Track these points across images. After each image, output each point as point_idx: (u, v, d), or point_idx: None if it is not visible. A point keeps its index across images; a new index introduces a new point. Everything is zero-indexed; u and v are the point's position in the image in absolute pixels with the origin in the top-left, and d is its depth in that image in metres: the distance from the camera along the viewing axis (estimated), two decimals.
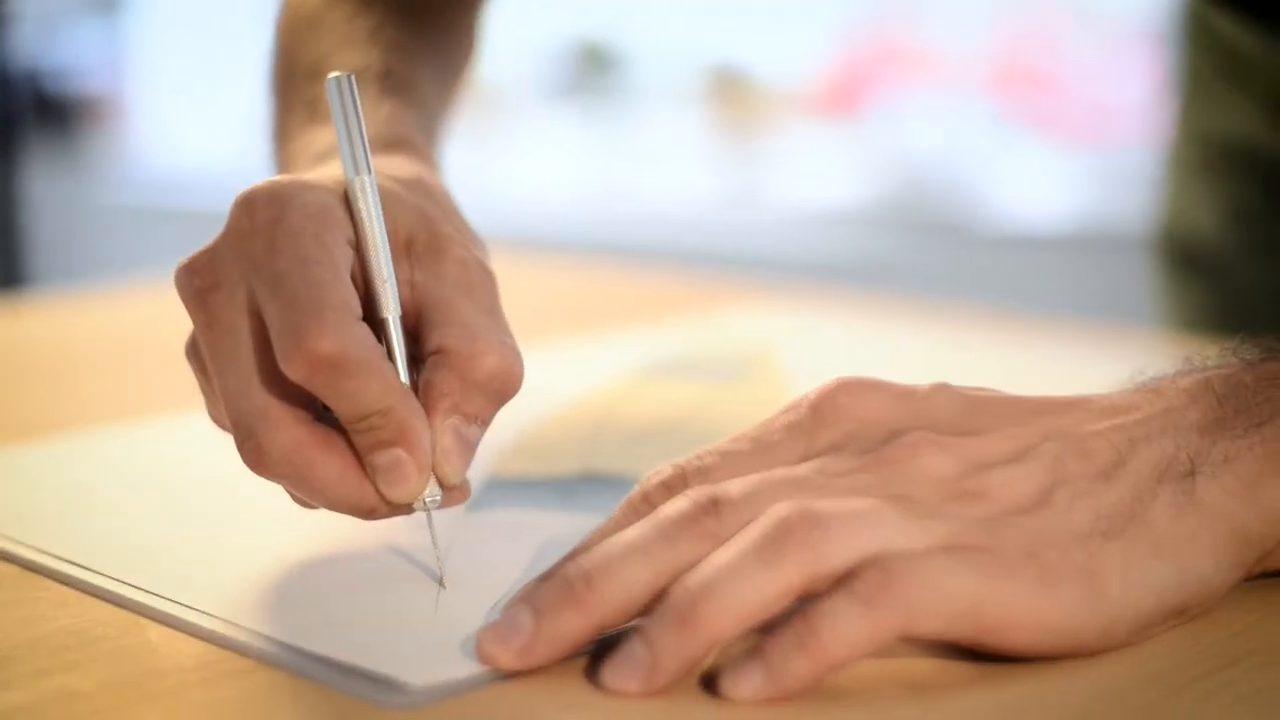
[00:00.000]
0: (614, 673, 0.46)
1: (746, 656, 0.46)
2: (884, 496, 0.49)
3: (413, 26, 0.80)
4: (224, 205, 0.55)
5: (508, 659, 0.47)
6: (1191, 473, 0.51)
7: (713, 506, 0.48)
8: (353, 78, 0.58)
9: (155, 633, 0.53)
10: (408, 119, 0.71)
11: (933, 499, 0.49)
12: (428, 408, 0.55)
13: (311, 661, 0.49)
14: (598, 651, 0.48)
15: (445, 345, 0.56)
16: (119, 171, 5.41)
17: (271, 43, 0.81)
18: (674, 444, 0.73)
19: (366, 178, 0.56)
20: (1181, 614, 0.50)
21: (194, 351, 0.57)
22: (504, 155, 4.11)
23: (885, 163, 3.73)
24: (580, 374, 0.87)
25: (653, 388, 0.84)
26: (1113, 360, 0.89)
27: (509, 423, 0.73)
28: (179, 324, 0.56)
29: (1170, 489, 0.50)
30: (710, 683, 0.46)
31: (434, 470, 0.55)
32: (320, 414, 0.55)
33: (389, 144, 0.67)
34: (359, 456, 0.55)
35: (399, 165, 0.63)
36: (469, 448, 0.56)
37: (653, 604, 0.47)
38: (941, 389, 0.53)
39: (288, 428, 0.54)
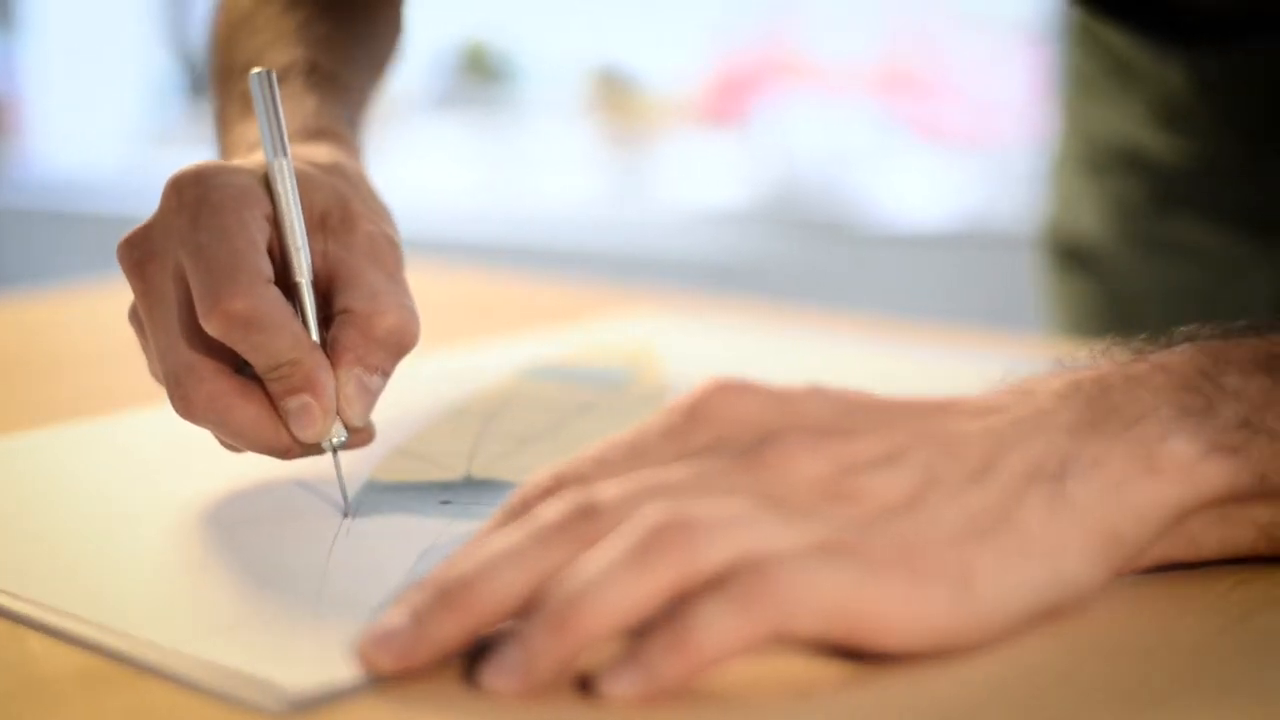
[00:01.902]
0: (491, 673, 0.47)
1: (622, 656, 0.46)
2: (757, 498, 0.49)
3: (338, 20, 0.86)
4: (107, 208, 0.58)
5: (387, 663, 0.48)
6: (1062, 474, 0.51)
7: (588, 511, 0.49)
8: (273, 74, 0.66)
9: (36, 641, 0.53)
10: (331, 110, 0.78)
11: (805, 500, 0.49)
12: (333, 360, 0.64)
13: (193, 667, 0.49)
14: (474, 653, 0.48)
15: (350, 305, 0.64)
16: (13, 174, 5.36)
17: (210, 42, 0.89)
18: (555, 449, 0.74)
19: (284, 161, 0.65)
20: (1052, 613, 0.51)
21: (134, 315, 0.66)
22: (391, 160, 4.09)
23: (771, 166, 3.74)
24: (464, 379, 0.87)
25: (535, 392, 0.85)
26: (987, 361, 0.90)
27: (393, 425, 0.74)
28: (66, 333, 0.57)
29: (1041, 490, 0.51)
30: (587, 683, 0.47)
31: (339, 414, 0.64)
32: (240, 368, 0.63)
33: (313, 134, 0.74)
34: (273, 403, 0.63)
35: (320, 152, 0.71)
36: (370, 395, 0.64)
37: (529, 606, 0.48)
38: (815, 391, 0.54)
39: (210, 378, 0.62)
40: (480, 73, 4.23)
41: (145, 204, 0.64)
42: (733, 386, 0.53)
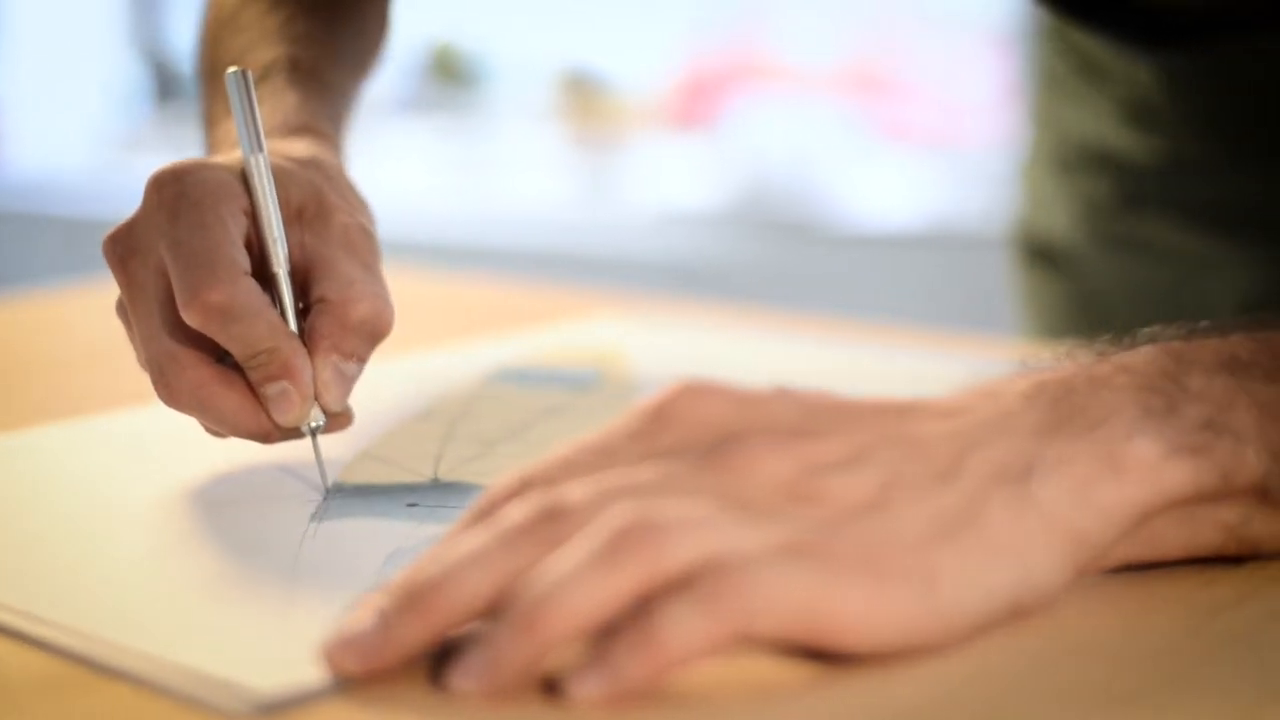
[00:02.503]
0: (458, 675, 0.47)
1: (588, 658, 0.47)
2: (722, 499, 0.49)
3: (320, 18, 0.89)
4: (75, 212, 0.59)
5: (353, 665, 0.48)
6: (1027, 475, 0.52)
7: (554, 513, 0.49)
8: (248, 72, 0.69)
9: (0, 645, 0.53)
10: (312, 106, 0.80)
11: (770, 501, 0.50)
12: (310, 348, 0.67)
13: (159, 669, 0.49)
14: (440, 655, 0.48)
15: (325, 295, 0.67)
16: None
17: (198, 42, 0.91)
18: (522, 451, 0.74)
19: (260, 156, 0.68)
20: (1017, 613, 0.51)
21: (121, 308, 0.68)
22: (358, 162, 4.09)
23: (739, 168, 3.74)
24: (431, 381, 0.87)
25: (502, 395, 0.85)
26: (954, 362, 0.90)
27: (361, 428, 0.74)
28: (32, 336, 0.57)
29: (1006, 491, 0.51)
30: (554, 685, 0.47)
31: (317, 400, 0.67)
32: (221, 357, 0.66)
33: (294, 130, 0.77)
34: (253, 390, 0.66)
35: (299, 147, 0.74)
36: (347, 381, 0.67)
37: (495, 607, 0.48)
38: (780, 393, 0.54)
39: (192, 367, 0.65)
40: (448, 75, 4.22)
41: (113, 208, 0.65)
42: (698, 388, 0.53)
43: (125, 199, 0.66)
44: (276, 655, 0.50)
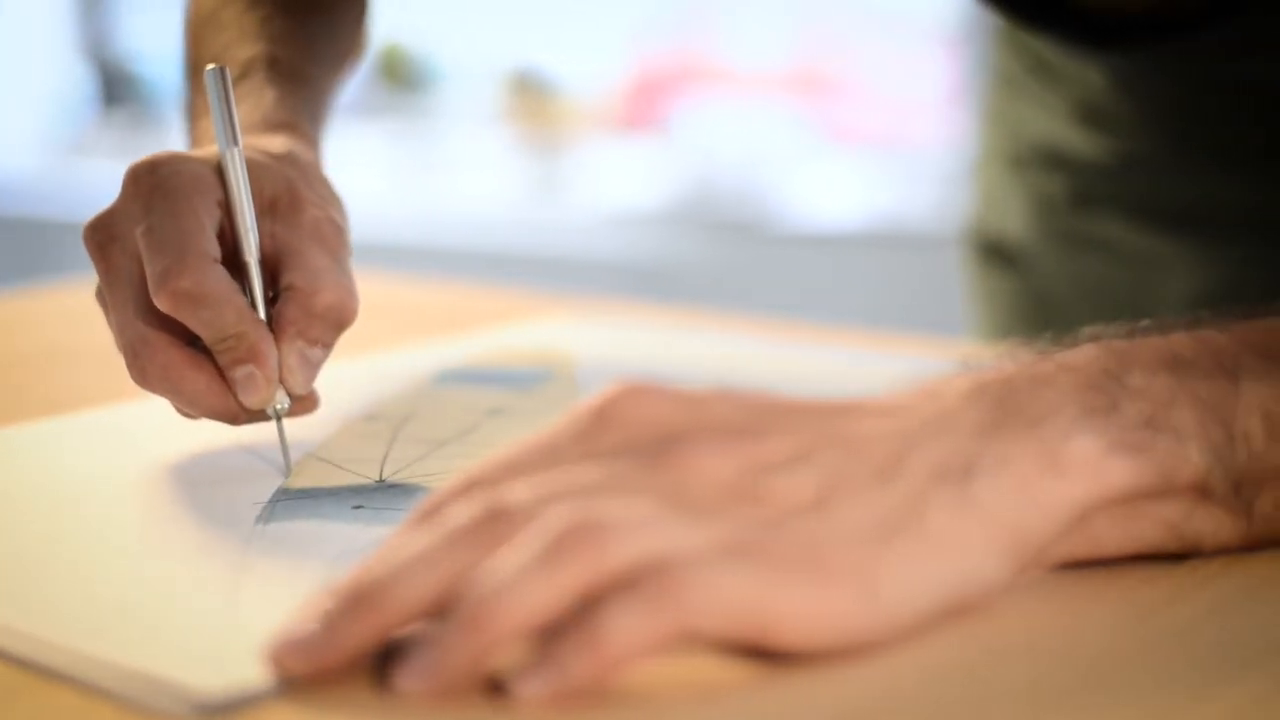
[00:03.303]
0: (403, 675, 0.47)
1: (533, 657, 0.47)
2: (665, 499, 0.49)
3: (298, 14, 0.92)
4: (20, 215, 0.59)
5: (297, 666, 0.48)
6: (967, 473, 0.52)
7: (498, 513, 0.49)
8: (226, 69, 0.72)
9: None
10: (290, 103, 0.83)
11: (713, 501, 0.50)
12: (276, 333, 0.70)
13: (103, 672, 0.49)
14: (385, 656, 0.48)
15: (293, 283, 0.70)
16: None
17: (181, 40, 0.94)
18: (468, 452, 0.74)
19: (235, 150, 0.71)
20: (959, 611, 0.51)
21: (100, 295, 0.72)
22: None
23: (688, 169, 3.74)
24: (378, 384, 0.87)
25: (448, 396, 0.85)
26: (899, 363, 0.91)
27: (307, 431, 0.74)
28: None
29: (946, 489, 0.51)
30: (500, 685, 0.47)
31: (283, 383, 0.70)
32: (192, 341, 0.69)
33: (273, 126, 0.80)
34: (222, 373, 0.69)
35: (276, 143, 0.77)
36: (311, 366, 0.70)
37: (440, 608, 0.48)
38: (722, 392, 0.54)
39: (164, 350, 0.68)
40: (396, 78, 4.21)
41: (59, 211, 0.65)
42: (640, 389, 0.53)
43: (71, 203, 0.67)
44: (222, 657, 0.50)
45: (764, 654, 0.48)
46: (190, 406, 0.70)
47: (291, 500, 0.67)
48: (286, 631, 0.48)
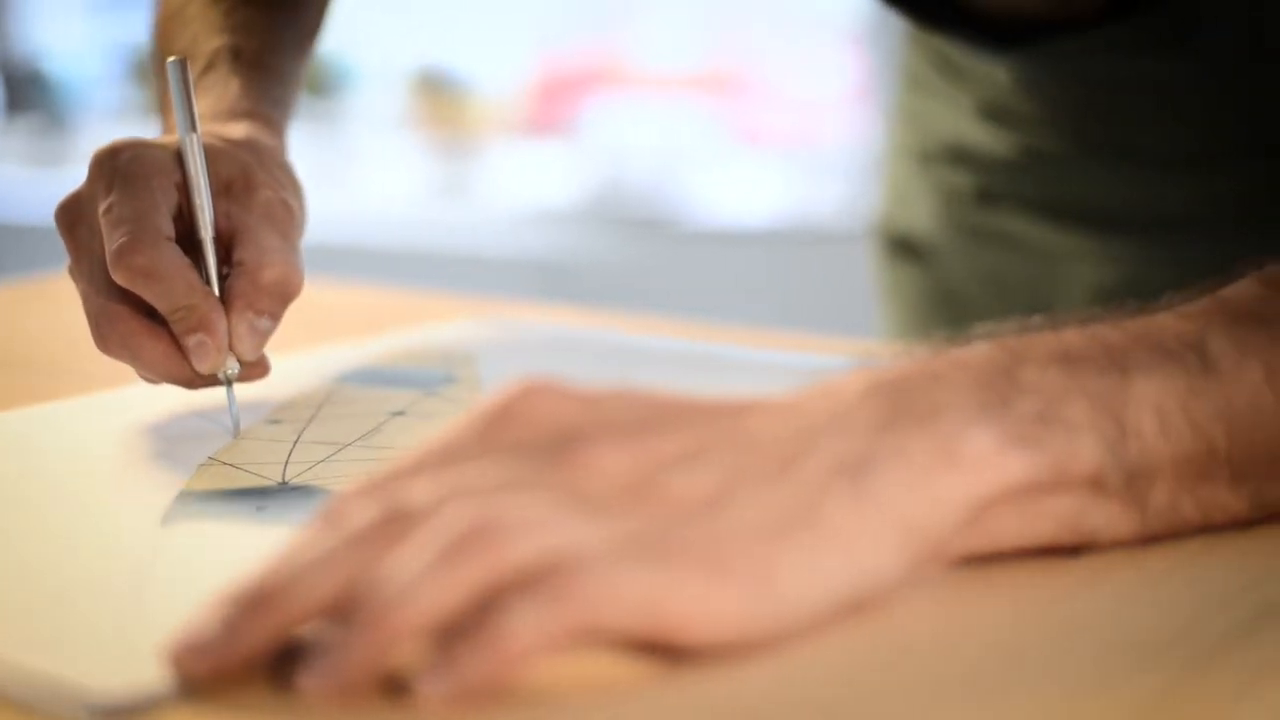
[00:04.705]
0: (304, 675, 0.47)
1: (433, 657, 0.47)
2: (563, 497, 0.50)
3: (260, 5, 0.97)
4: None
5: (197, 667, 0.48)
6: (863, 468, 0.52)
7: (397, 514, 0.49)
8: (185, 61, 0.79)
9: None
10: (254, 92, 0.90)
11: (611, 498, 0.50)
12: (226, 305, 0.76)
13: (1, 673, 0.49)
14: (285, 656, 0.48)
15: (242, 259, 0.77)
16: None
17: (151, 35, 1.00)
18: (370, 454, 0.74)
19: (194, 136, 0.77)
20: (856, 606, 0.51)
21: (71, 270, 0.78)
22: None
23: (597, 169, 3.74)
24: (281, 386, 0.87)
25: (350, 398, 0.85)
26: (802, 361, 0.91)
27: (207, 434, 0.73)
28: None
29: (843, 485, 0.52)
30: (400, 684, 0.47)
31: (233, 350, 0.76)
32: (150, 313, 0.75)
33: (236, 115, 0.87)
34: (178, 342, 0.75)
35: (238, 130, 0.84)
36: (259, 335, 0.77)
37: (339, 608, 0.48)
38: (622, 391, 0.54)
39: (123, 320, 0.75)
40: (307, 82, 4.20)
41: None
42: (540, 388, 0.54)
43: None
44: (120, 659, 0.50)
45: (663, 650, 0.49)
46: (149, 371, 0.77)
47: (194, 501, 0.67)
48: (186, 632, 0.48)
